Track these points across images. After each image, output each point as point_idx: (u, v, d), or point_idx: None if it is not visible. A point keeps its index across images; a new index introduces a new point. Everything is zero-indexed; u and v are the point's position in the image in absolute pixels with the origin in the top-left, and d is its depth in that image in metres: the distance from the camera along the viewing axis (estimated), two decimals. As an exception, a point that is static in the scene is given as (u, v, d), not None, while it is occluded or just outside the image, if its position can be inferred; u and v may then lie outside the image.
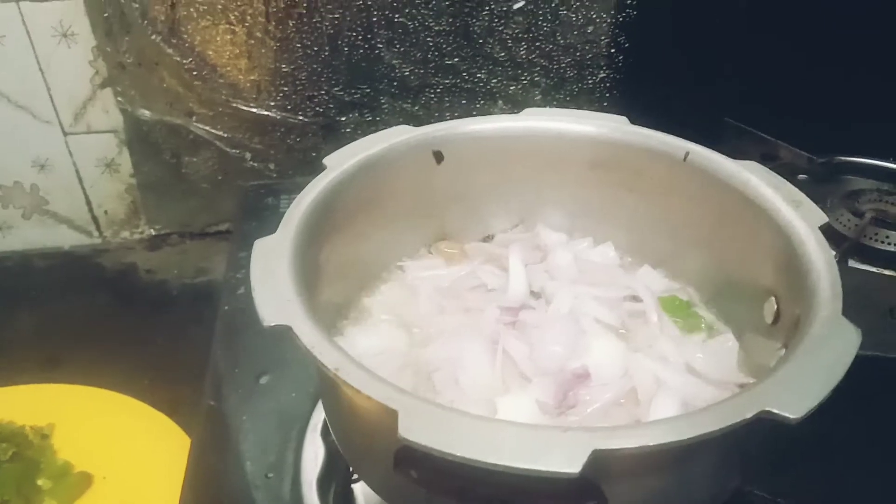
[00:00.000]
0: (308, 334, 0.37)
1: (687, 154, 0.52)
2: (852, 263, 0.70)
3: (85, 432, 0.76)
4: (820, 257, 0.42)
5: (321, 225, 0.48)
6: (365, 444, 0.42)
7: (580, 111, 0.57)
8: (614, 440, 0.31)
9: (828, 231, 0.71)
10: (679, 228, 0.54)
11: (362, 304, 0.55)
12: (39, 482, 0.70)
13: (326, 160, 0.51)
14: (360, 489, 0.53)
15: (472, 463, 0.31)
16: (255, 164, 0.99)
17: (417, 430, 0.31)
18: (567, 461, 0.30)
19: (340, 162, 0.51)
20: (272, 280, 0.40)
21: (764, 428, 0.34)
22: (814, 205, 0.46)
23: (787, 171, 0.50)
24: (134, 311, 0.95)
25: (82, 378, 0.81)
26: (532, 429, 0.32)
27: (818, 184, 0.83)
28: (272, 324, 0.37)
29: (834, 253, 0.71)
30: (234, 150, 0.98)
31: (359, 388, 0.34)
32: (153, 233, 1.05)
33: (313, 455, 0.54)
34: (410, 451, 0.32)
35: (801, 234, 0.44)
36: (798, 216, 0.45)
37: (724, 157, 0.52)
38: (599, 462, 0.31)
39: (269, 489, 0.53)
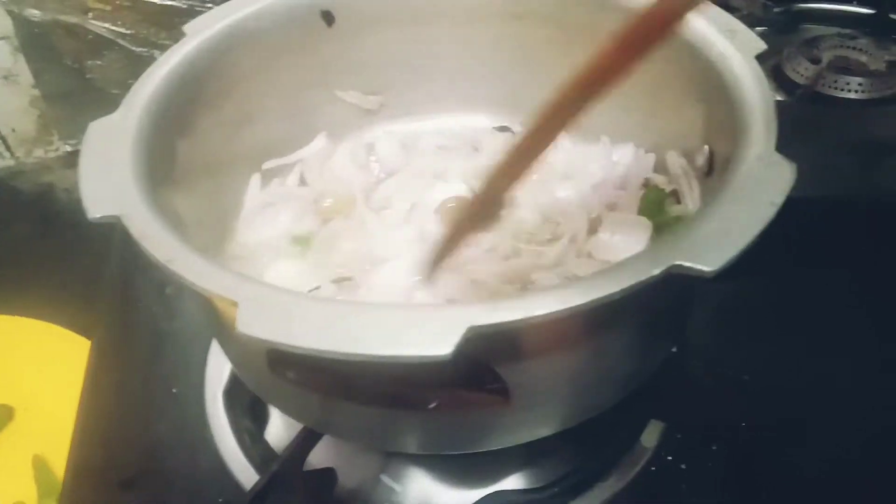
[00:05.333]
0: (140, 223, 0.31)
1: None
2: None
3: (4, 363, 0.71)
4: (753, 89, 0.36)
5: (182, 107, 0.41)
6: (237, 346, 0.37)
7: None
8: (494, 314, 0.26)
9: (783, 80, 0.68)
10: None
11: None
12: (-45, 420, 0.66)
13: (187, 27, 0.43)
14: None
15: (324, 354, 0.25)
16: (167, 63, 0.90)
17: (258, 322, 0.26)
18: (437, 342, 0.25)
19: (203, 27, 0.43)
20: (107, 167, 0.34)
21: (683, 286, 0.29)
22: (751, 32, 0.40)
23: (743, 22, 0.44)
24: (54, 234, 0.89)
25: (2, 307, 0.76)
26: (396, 309, 0.27)
27: (777, 34, 0.76)
28: (98, 215, 0.31)
29: (784, 97, 0.66)
30: (141, 49, 0.89)
31: (193, 280, 0.28)
32: (69, 149, 0.97)
33: (219, 368, 0.49)
34: (280, 350, 0.27)
35: (733, 65, 0.38)
36: (732, 46, 0.39)
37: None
38: (482, 341, 0.26)
39: (175, 403, 0.48)
